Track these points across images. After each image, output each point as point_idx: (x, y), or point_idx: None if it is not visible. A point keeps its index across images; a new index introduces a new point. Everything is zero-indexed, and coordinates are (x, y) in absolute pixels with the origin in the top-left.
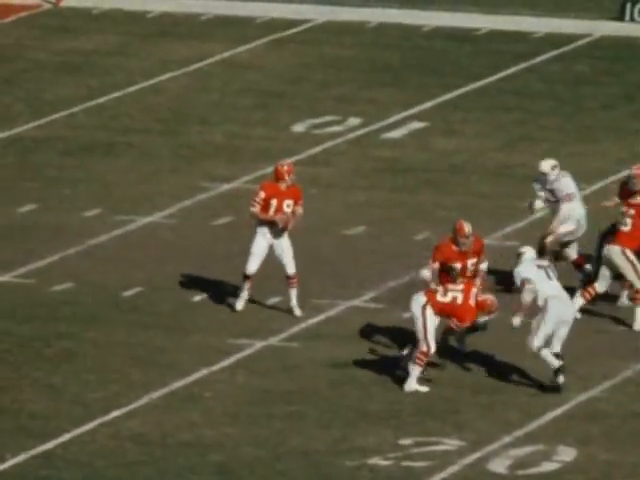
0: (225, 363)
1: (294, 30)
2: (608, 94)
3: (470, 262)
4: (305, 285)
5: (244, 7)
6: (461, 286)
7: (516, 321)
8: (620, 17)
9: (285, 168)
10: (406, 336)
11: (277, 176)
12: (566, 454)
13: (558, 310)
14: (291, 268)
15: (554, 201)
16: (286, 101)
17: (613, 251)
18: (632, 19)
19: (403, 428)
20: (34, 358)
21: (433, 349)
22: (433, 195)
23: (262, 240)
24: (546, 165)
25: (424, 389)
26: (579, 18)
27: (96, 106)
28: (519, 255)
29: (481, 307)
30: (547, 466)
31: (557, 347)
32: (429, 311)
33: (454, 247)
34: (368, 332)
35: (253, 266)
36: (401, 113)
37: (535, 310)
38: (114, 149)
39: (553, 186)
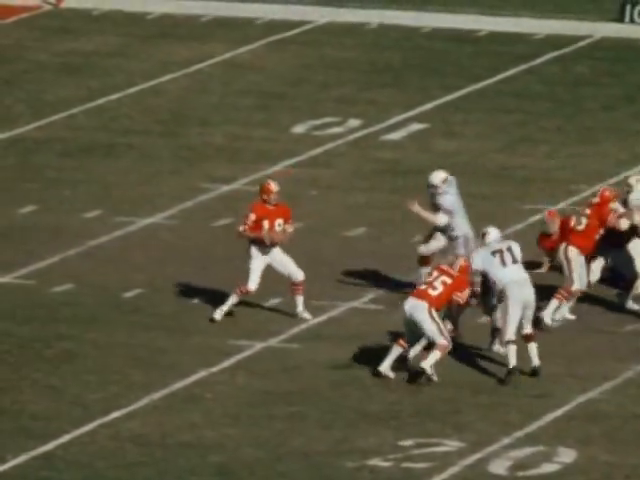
0: (225, 364)
1: (295, 31)
2: (608, 95)
3: None
4: (305, 286)
5: (244, 8)
6: (437, 271)
7: (472, 302)
8: (620, 18)
9: (272, 186)
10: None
11: (265, 192)
12: (566, 455)
13: (518, 294)
14: (298, 275)
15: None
16: (286, 102)
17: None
18: (632, 20)
19: (403, 429)
20: (34, 359)
21: (451, 342)
22: None
23: (257, 260)
24: (437, 178)
25: (431, 371)
26: (579, 20)
27: (96, 107)
28: (483, 235)
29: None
30: (547, 467)
31: (528, 328)
32: (434, 312)
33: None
34: (368, 333)
35: (253, 283)
36: (401, 114)
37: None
38: (114, 150)
39: (438, 199)
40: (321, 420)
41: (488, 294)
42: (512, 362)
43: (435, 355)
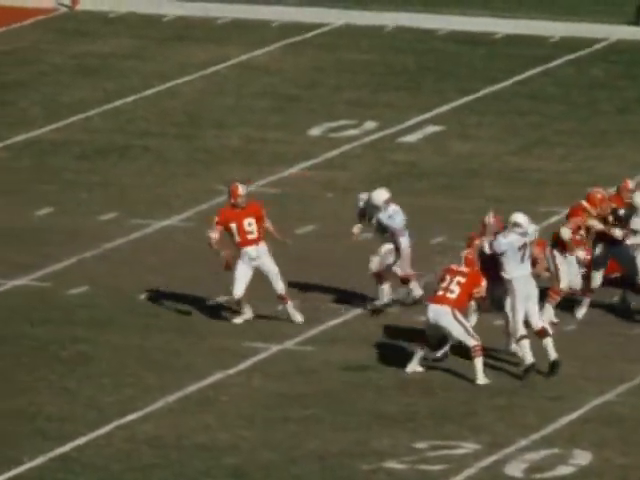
0: (241, 366)
1: (311, 34)
2: (623, 98)
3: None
4: (320, 289)
5: (261, 11)
6: (449, 274)
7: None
8: (636, 21)
9: (238, 189)
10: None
11: (232, 196)
12: (582, 458)
13: (523, 289)
14: (280, 288)
15: (383, 232)
16: (302, 105)
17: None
18: None
19: (419, 431)
20: (50, 361)
21: (479, 339)
22: (449, 199)
23: (243, 265)
24: (378, 198)
25: (485, 381)
26: (595, 22)
27: (112, 109)
28: (515, 225)
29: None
30: (563, 470)
31: (539, 323)
32: (458, 314)
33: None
34: (383, 336)
35: (239, 290)
36: (417, 117)
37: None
38: (130, 152)
39: (385, 221)
40: (336, 422)
41: (493, 287)
42: (528, 358)
43: (478, 363)
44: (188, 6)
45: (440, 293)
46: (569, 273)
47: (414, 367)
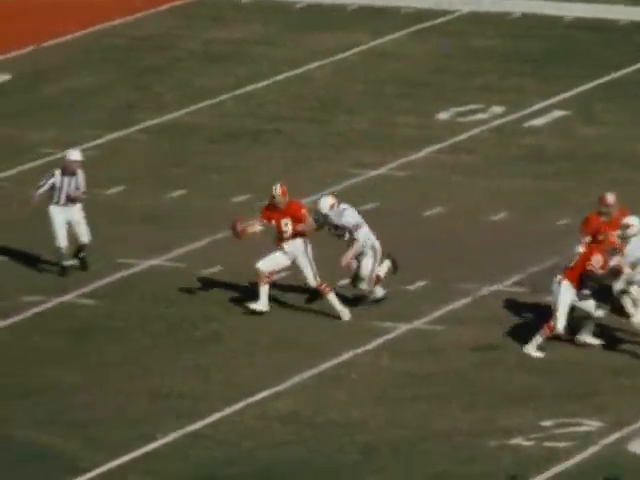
0: (371, 346)
1: (438, 21)
2: None
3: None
4: (449, 270)
5: None
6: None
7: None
8: None
9: (273, 191)
10: (548, 319)
11: (270, 197)
12: None
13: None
14: (311, 281)
15: (342, 234)
16: (431, 90)
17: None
18: None
19: (544, 409)
20: (183, 340)
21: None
22: (574, 182)
23: (283, 255)
24: (324, 205)
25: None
26: None
27: (244, 94)
28: (627, 227)
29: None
30: None
31: None
32: (563, 285)
33: (601, 218)
34: (511, 316)
35: (266, 266)
36: (543, 102)
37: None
38: (261, 137)
39: (338, 222)
40: (464, 401)
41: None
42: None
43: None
44: None
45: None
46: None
47: (531, 350)
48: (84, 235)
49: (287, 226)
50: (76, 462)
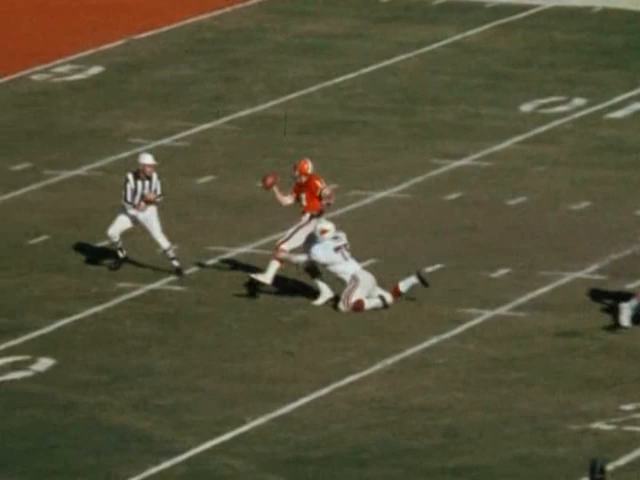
0: (456, 331)
1: (522, 15)
2: None
3: None
4: (532, 258)
5: None
6: None
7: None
8: None
9: (297, 163)
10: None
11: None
12: None
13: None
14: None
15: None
16: (514, 82)
17: None
18: None
19: (626, 394)
20: (273, 326)
21: None
22: None
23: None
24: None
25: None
26: None
27: (332, 86)
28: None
29: None
30: None
31: None
32: None
33: None
34: (592, 302)
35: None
36: (624, 94)
37: None
38: (350, 127)
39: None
40: (546, 385)
41: None
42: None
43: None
44: None
45: None
46: None
47: (624, 320)
48: (162, 242)
49: (304, 201)
50: (167, 446)
